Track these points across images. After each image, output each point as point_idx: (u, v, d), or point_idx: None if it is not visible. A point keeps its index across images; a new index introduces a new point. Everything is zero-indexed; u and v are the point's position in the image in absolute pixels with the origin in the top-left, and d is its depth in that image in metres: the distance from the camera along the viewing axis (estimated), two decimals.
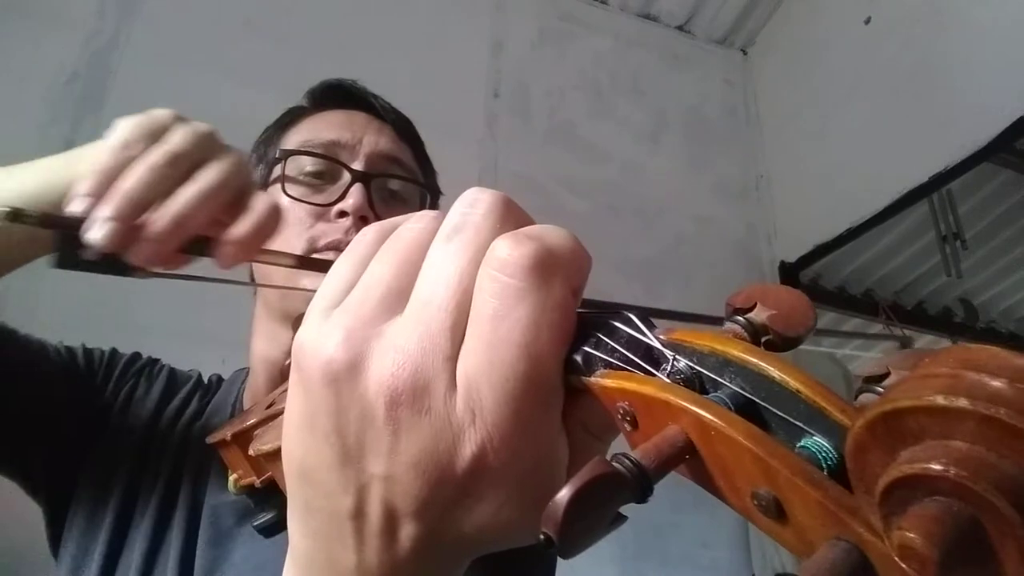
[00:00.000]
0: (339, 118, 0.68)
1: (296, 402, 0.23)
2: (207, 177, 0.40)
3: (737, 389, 0.19)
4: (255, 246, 0.41)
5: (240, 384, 0.69)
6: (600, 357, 0.21)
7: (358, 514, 0.22)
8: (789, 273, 2.21)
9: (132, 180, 0.38)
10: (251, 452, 0.37)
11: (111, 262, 0.38)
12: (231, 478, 0.40)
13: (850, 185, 2.02)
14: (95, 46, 1.72)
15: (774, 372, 0.19)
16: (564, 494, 0.16)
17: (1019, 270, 2.99)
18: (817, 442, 0.17)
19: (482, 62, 2.19)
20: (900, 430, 0.13)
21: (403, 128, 0.71)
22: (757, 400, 0.18)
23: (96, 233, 0.36)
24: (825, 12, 2.25)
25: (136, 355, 0.71)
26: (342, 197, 0.62)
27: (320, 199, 0.62)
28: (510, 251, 0.20)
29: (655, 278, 2.07)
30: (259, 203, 0.42)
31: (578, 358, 0.21)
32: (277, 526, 0.38)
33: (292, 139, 0.67)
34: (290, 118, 0.71)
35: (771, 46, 2.54)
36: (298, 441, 0.23)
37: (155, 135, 0.40)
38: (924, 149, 1.78)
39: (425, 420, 0.20)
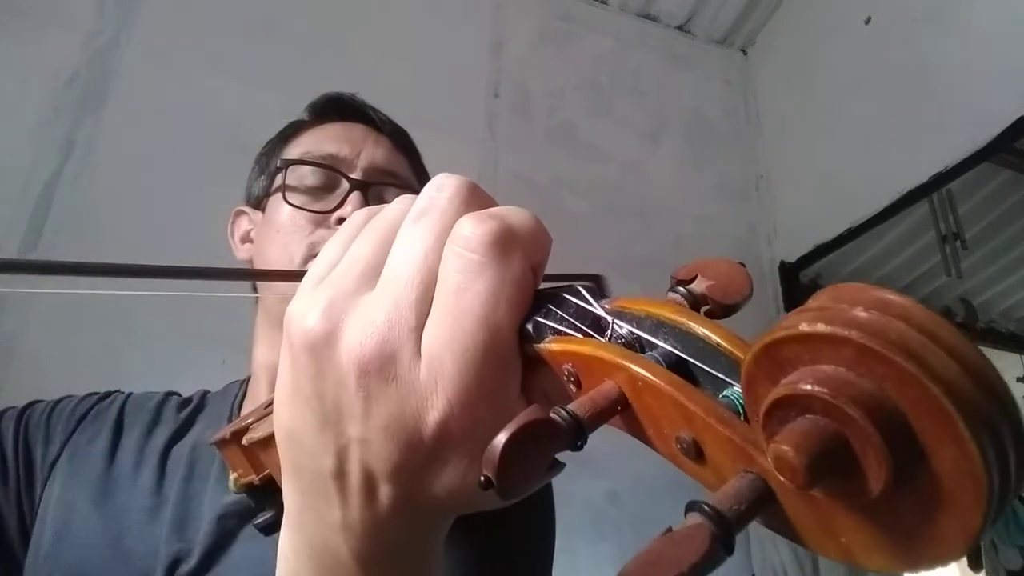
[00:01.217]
0: (338, 131, 0.70)
1: (285, 370, 0.25)
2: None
3: (670, 348, 0.21)
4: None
5: (236, 394, 0.70)
6: (549, 325, 0.23)
7: (340, 474, 0.24)
8: (789, 273, 2.21)
9: None
10: (244, 442, 0.38)
11: None
12: (231, 477, 0.41)
13: (850, 185, 2.02)
14: (95, 46, 1.72)
15: (698, 329, 0.21)
16: (501, 438, 0.17)
17: (1019, 270, 2.99)
18: (736, 391, 0.19)
19: (482, 62, 2.19)
20: (779, 360, 0.15)
21: (400, 140, 0.74)
22: (687, 357, 0.20)
23: None
24: (825, 12, 2.25)
25: (56, 406, 0.68)
26: (340, 204, 0.64)
27: (320, 207, 0.65)
28: (473, 228, 0.22)
29: (655, 278, 2.06)
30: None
31: (529, 327, 0.23)
32: (276, 524, 0.39)
33: (293, 151, 0.70)
34: (291, 131, 0.74)
35: (771, 46, 2.54)
36: (286, 405, 0.25)
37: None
38: (924, 149, 1.78)
39: (392, 387, 0.22)
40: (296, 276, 0.46)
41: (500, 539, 0.53)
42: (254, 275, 0.67)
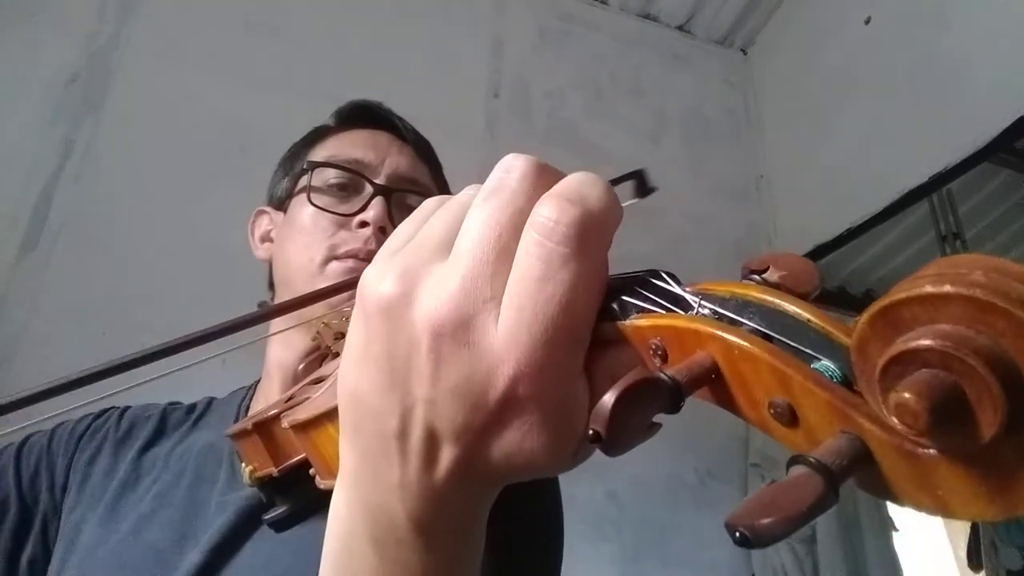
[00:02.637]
0: (364, 137, 0.72)
1: (356, 333, 0.26)
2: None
3: (755, 326, 0.21)
4: None
5: (244, 398, 0.71)
6: (635, 304, 0.24)
7: (402, 434, 0.25)
8: None
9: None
10: (285, 424, 0.38)
11: None
12: (246, 470, 0.40)
13: (850, 185, 2.02)
14: (95, 46, 1.72)
15: (787, 306, 0.22)
16: (610, 395, 0.19)
17: None
18: (825, 364, 0.19)
19: (482, 62, 2.19)
20: (895, 321, 0.16)
21: (423, 149, 0.75)
22: (773, 334, 0.21)
23: None
24: (825, 12, 2.25)
25: (57, 428, 0.69)
26: (364, 208, 0.65)
27: (343, 209, 0.66)
28: (556, 217, 0.22)
29: None
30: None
31: (615, 306, 0.24)
32: (289, 520, 0.39)
33: (319, 154, 0.71)
34: (317, 135, 0.75)
35: (771, 46, 2.54)
36: (354, 367, 0.26)
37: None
38: (924, 149, 1.78)
39: (464, 351, 0.23)
40: (293, 306, 0.46)
41: (513, 540, 0.53)
42: (261, 319, 0.67)
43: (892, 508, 2.37)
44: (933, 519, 4.31)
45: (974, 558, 3.00)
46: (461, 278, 0.23)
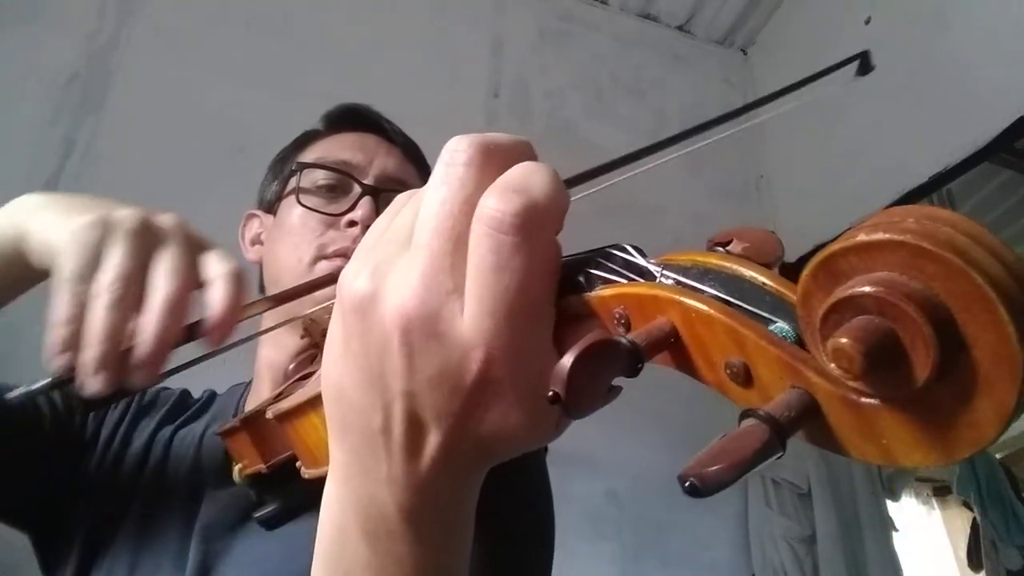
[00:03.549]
0: (352, 140, 0.73)
1: (335, 331, 0.27)
2: (165, 283, 0.40)
3: (716, 292, 0.22)
4: (236, 316, 0.42)
5: (240, 395, 0.72)
6: (599, 275, 0.25)
7: (386, 429, 0.25)
8: (789, 273, 2.20)
9: (99, 325, 0.39)
10: (269, 415, 0.38)
11: (123, 388, 0.40)
12: (236, 468, 0.41)
13: (850, 185, 2.02)
14: (95, 46, 1.72)
15: (745, 271, 0.22)
16: (568, 356, 0.19)
17: None
18: (780, 327, 0.20)
19: (482, 62, 2.19)
20: (835, 272, 0.17)
21: (411, 151, 0.76)
22: (731, 299, 0.21)
23: (93, 386, 0.38)
24: (825, 12, 2.25)
25: None
26: (352, 208, 0.66)
27: (331, 210, 0.67)
28: (501, 208, 0.23)
29: None
30: (219, 271, 0.43)
31: (581, 279, 0.25)
32: (279, 518, 0.39)
33: (307, 156, 0.72)
34: (306, 139, 0.76)
35: (771, 46, 2.54)
36: (335, 364, 0.27)
37: (95, 256, 0.41)
38: (924, 149, 1.78)
39: (435, 343, 0.24)
40: (276, 299, 0.47)
41: (502, 534, 0.53)
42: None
43: (892, 508, 2.37)
44: (933, 519, 4.31)
45: (974, 558, 3.01)
46: (421, 274, 0.24)
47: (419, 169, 0.76)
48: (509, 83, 2.19)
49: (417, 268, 0.24)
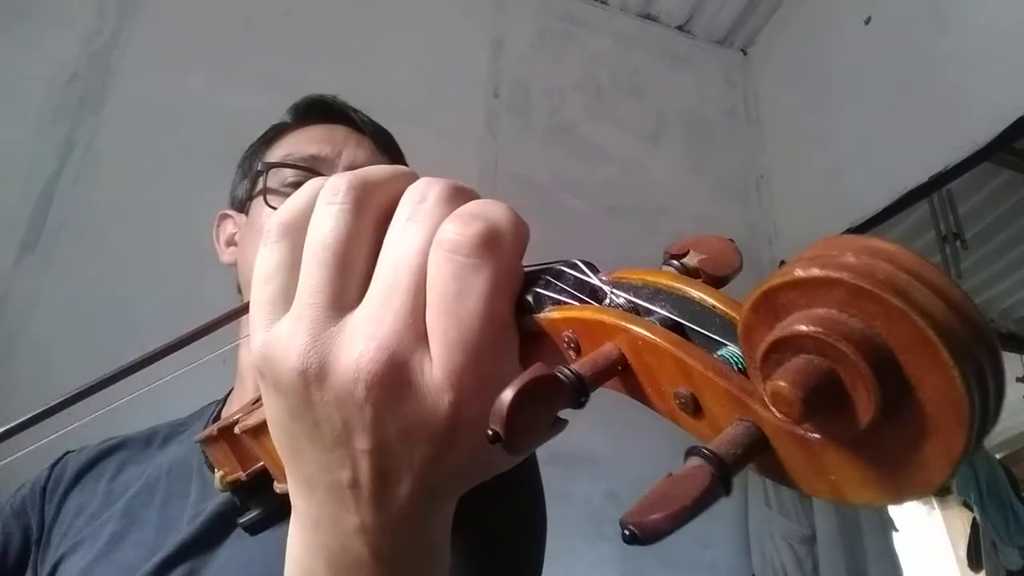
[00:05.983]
0: (320, 133, 0.70)
1: (275, 403, 0.25)
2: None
3: (666, 314, 0.21)
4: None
5: (213, 411, 0.70)
6: (549, 296, 0.24)
7: (355, 483, 0.24)
8: None
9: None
10: (237, 431, 0.38)
11: None
12: (217, 476, 0.40)
13: (850, 185, 2.02)
14: (95, 46, 1.72)
15: (694, 293, 0.22)
16: (507, 393, 0.18)
17: (1019, 270, 2.99)
18: (730, 350, 0.19)
19: (482, 62, 2.19)
20: (775, 307, 0.16)
21: (382, 140, 0.73)
22: (682, 321, 0.21)
23: None
24: (825, 12, 2.25)
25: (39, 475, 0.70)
26: None
27: None
28: (461, 232, 0.22)
29: None
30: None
31: (529, 298, 0.24)
32: (262, 523, 0.39)
33: (275, 153, 0.70)
34: (273, 133, 0.74)
35: (771, 46, 2.54)
36: (286, 432, 0.26)
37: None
38: (924, 149, 1.78)
39: (407, 392, 0.23)
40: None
41: (489, 537, 0.53)
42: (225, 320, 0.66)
43: (892, 508, 2.37)
44: (933, 519, 4.31)
45: (974, 558, 3.00)
46: (390, 323, 0.23)
47: (393, 159, 0.74)
48: (509, 83, 2.19)
49: (388, 316, 0.23)
